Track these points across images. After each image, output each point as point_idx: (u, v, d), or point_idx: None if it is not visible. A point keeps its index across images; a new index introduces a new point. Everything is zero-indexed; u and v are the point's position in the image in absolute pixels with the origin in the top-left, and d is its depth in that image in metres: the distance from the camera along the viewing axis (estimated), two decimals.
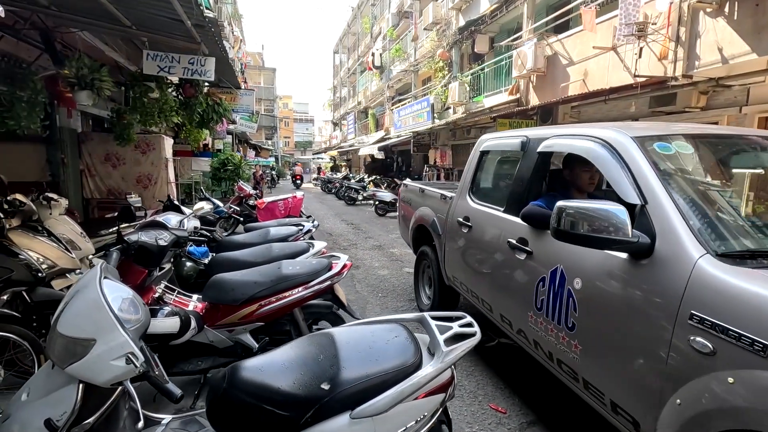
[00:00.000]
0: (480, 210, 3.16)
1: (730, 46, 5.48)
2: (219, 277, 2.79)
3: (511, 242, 2.58)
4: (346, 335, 1.78)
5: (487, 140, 3.49)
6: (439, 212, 3.85)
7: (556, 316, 2.16)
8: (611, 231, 1.67)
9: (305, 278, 2.77)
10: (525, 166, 2.72)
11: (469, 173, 3.53)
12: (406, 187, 5.10)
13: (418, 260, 4.49)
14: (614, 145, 2.04)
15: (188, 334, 2.54)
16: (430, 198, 4.27)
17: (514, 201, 2.75)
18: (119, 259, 1.94)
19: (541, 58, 9.06)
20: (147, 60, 4.69)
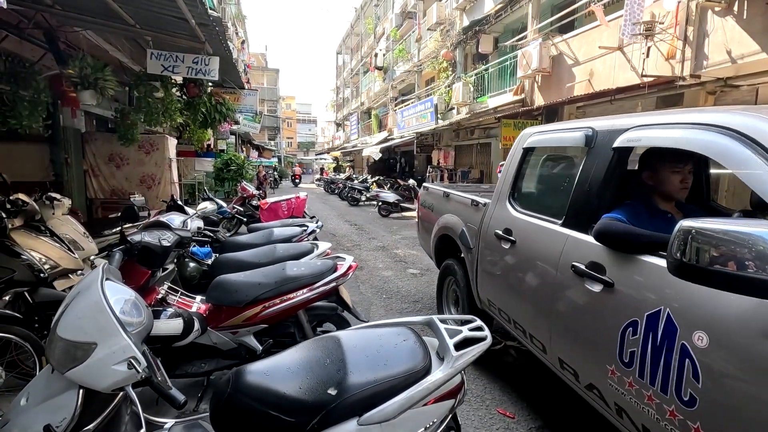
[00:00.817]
0: (527, 221, 2.56)
1: (740, 46, 5.41)
2: (223, 278, 2.76)
3: (577, 267, 1.96)
4: (353, 339, 1.73)
5: (533, 134, 2.84)
6: (470, 221, 3.26)
7: (659, 381, 1.53)
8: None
9: (310, 280, 2.73)
10: (592, 167, 2.11)
11: (509, 175, 2.91)
12: (427, 191, 4.55)
13: (443, 275, 3.89)
14: (754, 135, 1.44)
15: (191, 336, 2.50)
16: (457, 204, 3.67)
17: (577, 212, 2.14)
18: (122, 260, 1.90)
19: (547, 58, 9.00)
20: (151, 59, 4.66)
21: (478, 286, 3.10)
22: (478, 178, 14.51)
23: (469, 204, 3.38)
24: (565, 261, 2.07)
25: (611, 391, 1.79)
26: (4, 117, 4.34)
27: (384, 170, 23.96)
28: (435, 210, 4.13)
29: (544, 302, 2.27)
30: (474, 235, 3.16)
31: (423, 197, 4.64)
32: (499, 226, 2.79)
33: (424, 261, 7.03)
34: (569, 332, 2.09)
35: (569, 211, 2.22)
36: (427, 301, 4.94)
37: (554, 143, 2.63)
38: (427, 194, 4.55)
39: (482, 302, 3.11)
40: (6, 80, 4.42)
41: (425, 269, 6.47)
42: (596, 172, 2.09)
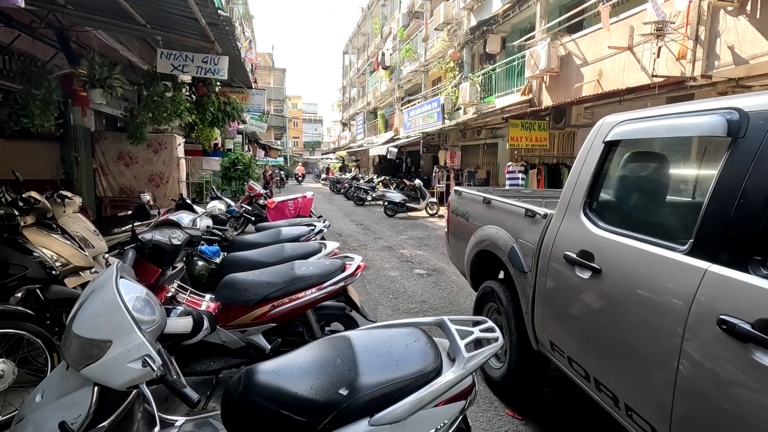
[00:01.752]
0: (618, 243, 1.84)
1: (752, 46, 5.35)
2: (232, 277, 2.77)
3: (737, 327, 1.26)
4: (364, 339, 1.73)
5: (620, 122, 2.08)
6: (524, 237, 2.60)
7: None
8: None
9: (318, 279, 2.74)
10: (746, 166, 1.42)
11: (583, 178, 2.19)
12: (460, 196, 3.86)
13: (481, 300, 3.22)
14: None
15: (201, 335, 2.51)
16: (503, 213, 3.00)
17: (720, 235, 1.45)
18: (134, 257, 1.92)
19: (555, 58, 8.94)
20: (161, 58, 4.69)
21: (537, 322, 2.42)
22: (485, 179, 14.46)
23: (522, 214, 2.67)
24: (705, 313, 1.39)
25: None
26: (17, 116, 4.38)
27: (390, 170, 23.96)
28: (471, 219, 3.49)
29: (661, 370, 1.54)
30: (530, 255, 2.47)
31: (455, 204, 3.92)
32: (572, 247, 2.09)
33: (430, 261, 7.02)
34: (716, 422, 1.35)
35: (702, 234, 1.51)
36: (434, 302, 4.93)
37: (664, 133, 1.87)
38: (459, 200, 3.84)
39: (541, 343, 2.43)
40: (19, 79, 4.47)
41: (432, 269, 6.46)
42: (756, 175, 1.40)
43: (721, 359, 1.34)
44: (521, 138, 9.75)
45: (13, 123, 4.52)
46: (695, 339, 1.42)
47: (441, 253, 7.71)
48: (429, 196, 13.78)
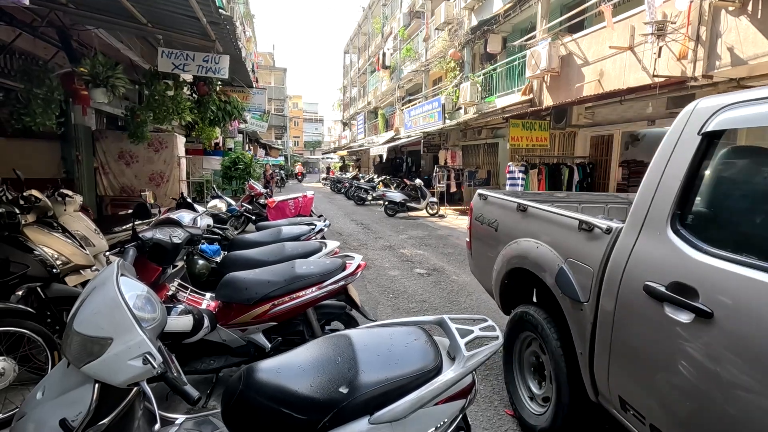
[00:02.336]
0: (748, 280, 1.30)
1: (753, 46, 5.34)
2: (232, 275, 2.77)
3: None
4: (364, 337, 1.74)
5: (729, 107, 1.53)
6: (578, 256, 2.05)
7: None
8: None
9: (319, 278, 2.74)
10: None
11: (671, 182, 1.67)
12: (486, 200, 3.27)
13: (514, 329, 2.68)
14: None
15: (201, 333, 2.51)
16: (544, 224, 2.44)
17: None
18: (135, 255, 1.92)
19: (556, 57, 8.94)
20: (162, 57, 4.70)
21: (597, 368, 1.90)
22: (485, 179, 14.45)
23: (574, 227, 2.11)
24: None
25: None
26: (19, 114, 4.40)
27: (390, 170, 23.96)
28: (502, 230, 2.92)
29: None
30: (588, 280, 1.93)
31: (479, 209, 3.31)
32: (658, 276, 1.58)
33: (431, 261, 7.02)
34: None
35: None
36: (433, 301, 4.93)
37: None
38: (485, 206, 3.24)
39: (602, 395, 1.93)
40: (20, 78, 4.48)
41: (432, 269, 6.47)
42: None
43: None
44: (522, 138, 9.75)
45: (14, 122, 4.53)
46: None
47: (441, 252, 7.71)
48: (429, 195, 13.77)
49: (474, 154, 16.00)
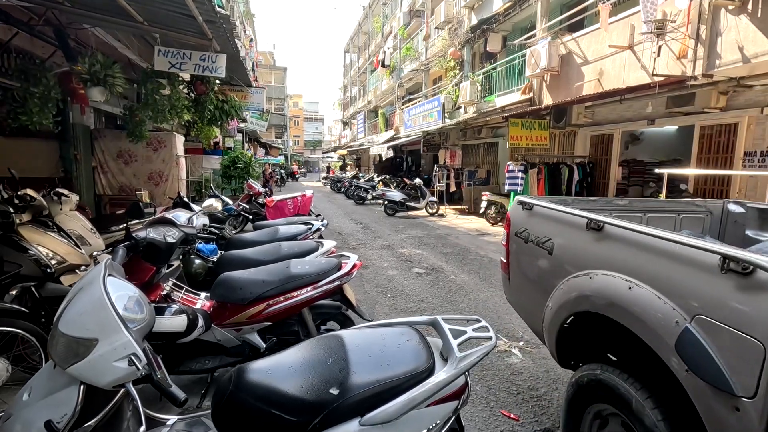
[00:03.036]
0: None
1: (753, 45, 5.31)
2: (227, 275, 2.76)
3: None
4: (356, 338, 1.72)
5: None
6: (723, 316, 1.29)
7: None
8: None
9: (314, 278, 2.72)
10: None
11: None
12: (531, 211, 2.45)
13: (580, 398, 1.91)
14: None
15: (195, 333, 2.51)
16: (640, 253, 1.67)
17: None
18: (126, 256, 1.90)
19: (555, 56, 8.91)
20: (158, 56, 4.68)
21: None
22: (485, 178, 14.43)
23: (711, 264, 1.36)
24: None
25: None
26: (16, 113, 4.38)
27: (390, 169, 23.94)
28: (560, 254, 2.11)
29: None
30: (754, 362, 1.20)
31: (521, 222, 2.50)
32: None
33: (429, 260, 7.01)
34: None
35: None
36: (431, 301, 4.92)
37: None
38: (531, 217, 2.44)
39: None
40: (17, 77, 4.47)
41: (430, 269, 6.45)
42: None
43: None
44: (521, 137, 9.73)
45: (11, 120, 4.52)
46: None
47: (440, 252, 7.69)
48: (429, 195, 13.76)
49: (474, 153, 15.97)
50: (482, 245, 8.43)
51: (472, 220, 12.17)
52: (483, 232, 10.15)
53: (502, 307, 4.73)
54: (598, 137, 9.99)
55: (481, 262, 6.91)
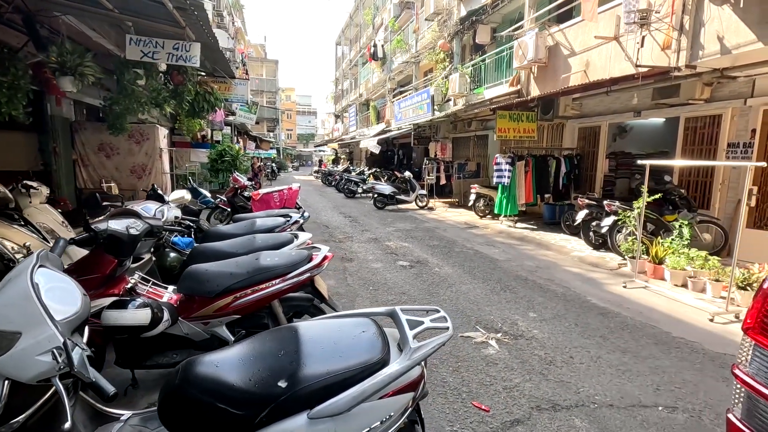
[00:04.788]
0: None
1: (736, 36, 5.30)
2: (194, 268, 2.70)
3: None
4: (312, 330, 1.68)
5: None
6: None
7: None
8: None
9: (283, 270, 2.68)
10: None
11: None
12: None
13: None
14: None
15: (160, 327, 2.46)
16: None
17: None
18: (65, 247, 1.84)
19: (543, 48, 8.86)
20: (130, 45, 4.55)
21: None
22: (475, 171, 14.41)
23: None
24: None
25: None
26: None
27: (382, 162, 23.84)
28: None
29: None
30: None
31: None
32: None
33: (414, 253, 6.98)
34: None
35: None
36: (413, 293, 4.89)
37: None
38: None
39: None
40: None
41: (415, 261, 6.43)
42: None
43: None
44: (509, 129, 9.70)
45: None
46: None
47: (426, 245, 7.67)
48: (419, 188, 13.72)
49: (464, 146, 15.94)
50: (470, 238, 8.42)
51: (462, 212, 12.16)
52: (471, 224, 10.15)
53: (483, 298, 4.72)
54: (586, 129, 9.99)
55: (467, 255, 6.90)
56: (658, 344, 3.65)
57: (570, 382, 2.95)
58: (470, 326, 3.92)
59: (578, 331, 3.87)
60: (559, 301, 4.68)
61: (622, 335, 3.82)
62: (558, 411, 2.62)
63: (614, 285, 5.39)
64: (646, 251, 5.92)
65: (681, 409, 2.68)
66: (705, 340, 3.75)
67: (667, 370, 3.19)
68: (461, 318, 4.14)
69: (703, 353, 3.51)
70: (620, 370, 3.17)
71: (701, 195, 7.28)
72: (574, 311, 4.39)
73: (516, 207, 9.48)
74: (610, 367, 3.20)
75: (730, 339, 3.81)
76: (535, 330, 3.87)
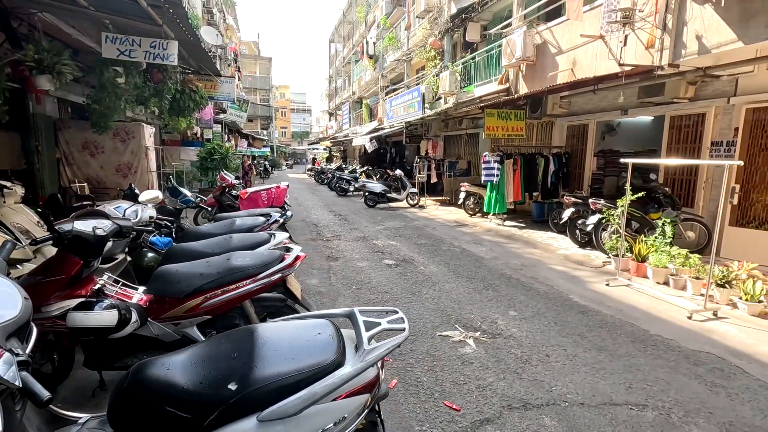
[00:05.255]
0: None
1: (717, 34, 5.33)
2: (164, 268, 2.69)
3: None
4: (267, 332, 1.68)
5: None
6: None
7: None
8: None
9: (254, 270, 2.66)
10: None
11: None
12: None
13: None
14: None
15: (128, 329, 2.44)
16: None
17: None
18: (11, 250, 1.80)
19: (531, 46, 8.87)
20: (106, 43, 4.49)
21: None
22: (466, 169, 14.43)
23: None
24: None
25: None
26: None
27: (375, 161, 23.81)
28: None
29: None
30: None
31: None
32: None
33: (402, 251, 6.98)
34: None
35: None
36: (396, 292, 4.89)
37: None
38: None
39: None
40: None
41: (401, 260, 6.43)
42: None
43: None
44: (497, 128, 9.71)
45: None
46: None
47: (414, 243, 7.68)
48: (410, 186, 13.72)
49: (456, 144, 15.95)
50: (458, 236, 8.44)
51: (452, 211, 12.18)
52: (461, 222, 10.16)
53: (465, 297, 4.73)
54: (575, 127, 10.02)
55: (454, 253, 6.91)
56: (634, 342, 3.68)
57: (543, 381, 2.97)
58: (449, 325, 3.93)
59: (557, 330, 3.89)
60: (540, 300, 4.70)
61: (600, 333, 3.85)
62: (529, 410, 2.63)
63: (597, 283, 5.42)
64: (630, 249, 5.96)
65: (651, 406, 2.70)
66: (681, 338, 3.78)
67: (641, 368, 3.21)
68: (441, 317, 4.14)
69: (678, 351, 3.54)
70: (595, 368, 3.19)
71: (686, 193, 7.33)
72: (555, 309, 4.41)
73: (505, 205, 9.51)
74: (585, 366, 3.22)
75: (706, 337, 3.84)
76: (513, 329, 3.89)
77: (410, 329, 1.69)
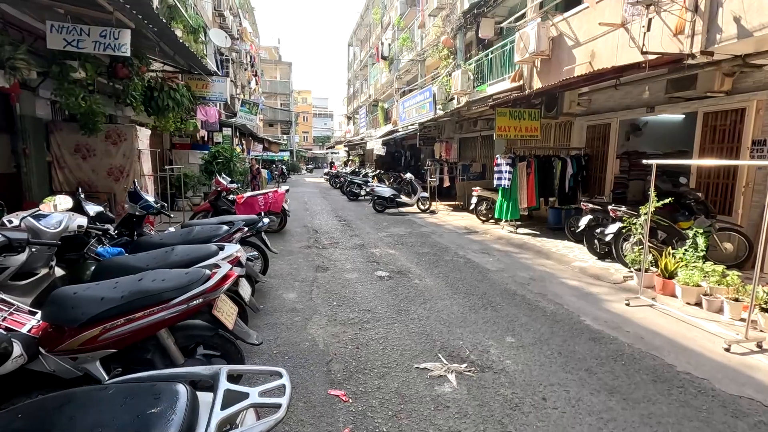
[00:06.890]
0: None
1: (758, 14, 4.57)
2: (61, 291, 2.23)
3: None
4: (82, 404, 1.17)
5: None
6: None
7: None
8: None
9: (169, 294, 2.17)
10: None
11: None
12: None
13: None
14: None
15: (9, 365, 2.00)
16: None
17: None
18: None
19: (545, 39, 8.18)
20: (51, 32, 4.12)
21: None
22: (480, 172, 13.73)
23: None
24: None
25: None
26: None
27: (390, 164, 23.34)
28: None
29: None
30: None
31: None
32: None
33: (398, 262, 6.42)
34: None
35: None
36: (380, 311, 4.33)
37: None
38: None
39: None
40: None
41: (396, 271, 5.86)
42: None
43: None
44: (509, 128, 9.01)
45: None
46: None
47: (415, 252, 7.10)
48: (420, 190, 13.13)
49: (471, 146, 15.26)
50: (465, 244, 7.81)
51: (464, 216, 11.51)
52: (471, 229, 9.51)
53: (458, 318, 4.13)
54: (595, 127, 9.22)
55: (456, 264, 6.30)
56: (656, 382, 3.01)
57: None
58: (432, 354, 3.34)
59: (560, 362, 3.25)
60: (545, 322, 4.05)
61: (614, 368, 3.19)
62: None
63: (615, 302, 4.72)
64: (656, 263, 5.21)
65: None
66: (717, 377, 3.08)
67: (663, 419, 2.55)
68: (425, 343, 3.56)
69: (713, 395, 2.85)
70: (602, 419, 2.55)
71: (722, 199, 6.48)
72: (561, 335, 3.76)
73: (517, 211, 8.80)
74: (590, 415, 2.58)
75: (748, 376, 3.12)
76: (507, 360, 3.27)
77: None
